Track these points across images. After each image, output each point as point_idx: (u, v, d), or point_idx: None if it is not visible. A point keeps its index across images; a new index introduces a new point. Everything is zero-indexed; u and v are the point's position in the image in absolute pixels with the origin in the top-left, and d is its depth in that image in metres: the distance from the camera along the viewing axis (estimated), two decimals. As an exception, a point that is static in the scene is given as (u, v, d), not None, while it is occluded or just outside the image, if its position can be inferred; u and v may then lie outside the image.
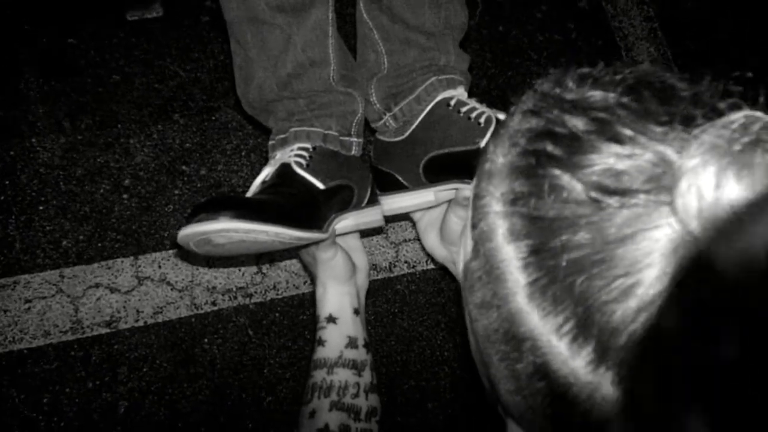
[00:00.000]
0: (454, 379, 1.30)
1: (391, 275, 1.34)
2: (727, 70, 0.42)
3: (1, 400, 1.16)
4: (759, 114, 0.36)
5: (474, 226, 0.45)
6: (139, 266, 1.27)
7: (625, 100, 0.40)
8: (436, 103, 1.04)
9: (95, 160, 1.32)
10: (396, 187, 1.10)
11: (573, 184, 0.38)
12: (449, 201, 1.08)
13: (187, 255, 1.27)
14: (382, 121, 1.10)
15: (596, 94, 0.41)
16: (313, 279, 1.10)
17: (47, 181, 1.30)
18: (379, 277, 1.33)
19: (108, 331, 1.22)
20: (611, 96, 0.40)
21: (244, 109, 1.10)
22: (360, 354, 1.02)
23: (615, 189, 0.37)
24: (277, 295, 1.29)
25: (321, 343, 1.01)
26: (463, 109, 1.02)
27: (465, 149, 1.00)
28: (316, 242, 1.00)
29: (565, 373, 0.39)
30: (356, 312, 1.04)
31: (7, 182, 1.28)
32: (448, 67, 1.07)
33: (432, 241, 1.12)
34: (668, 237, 0.35)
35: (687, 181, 0.34)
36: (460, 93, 1.05)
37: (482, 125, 1.00)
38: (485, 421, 1.32)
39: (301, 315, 1.29)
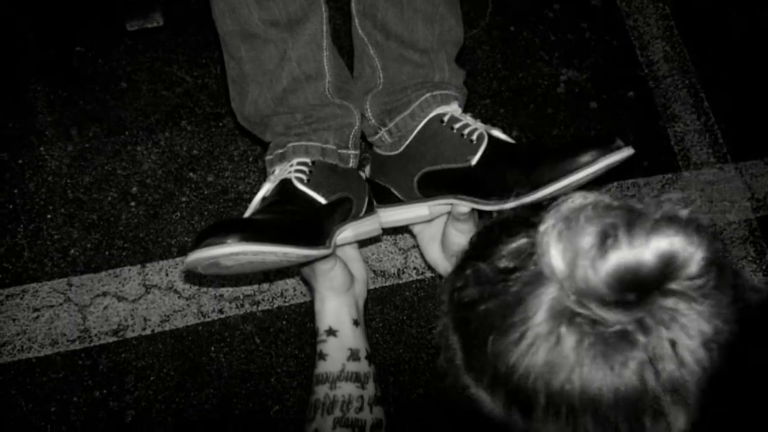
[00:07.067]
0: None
1: (400, 282, 1.33)
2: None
3: (9, 409, 1.17)
4: (596, 194, 0.52)
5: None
6: (147, 274, 1.27)
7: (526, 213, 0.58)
8: (430, 120, 1.03)
9: (103, 168, 1.32)
10: (391, 200, 1.09)
11: (485, 269, 0.54)
12: (448, 214, 1.07)
13: (192, 275, 1.27)
14: (378, 136, 1.09)
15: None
16: (311, 291, 1.09)
17: (55, 189, 1.30)
18: (388, 283, 1.32)
19: (115, 339, 1.22)
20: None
21: (240, 122, 1.09)
22: (362, 366, 1.01)
23: (512, 267, 0.53)
24: (285, 302, 1.28)
25: (322, 357, 1.00)
26: (456, 126, 1.01)
27: (456, 166, 0.99)
28: (321, 258, 0.99)
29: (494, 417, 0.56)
30: (356, 323, 1.03)
31: (15, 191, 1.29)
32: (443, 83, 1.05)
33: (434, 254, 1.11)
34: (550, 293, 0.50)
35: (541, 245, 0.50)
36: (453, 109, 1.04)
37: (474, 142, 0.99)
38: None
39: (308, 322, 1.28)
